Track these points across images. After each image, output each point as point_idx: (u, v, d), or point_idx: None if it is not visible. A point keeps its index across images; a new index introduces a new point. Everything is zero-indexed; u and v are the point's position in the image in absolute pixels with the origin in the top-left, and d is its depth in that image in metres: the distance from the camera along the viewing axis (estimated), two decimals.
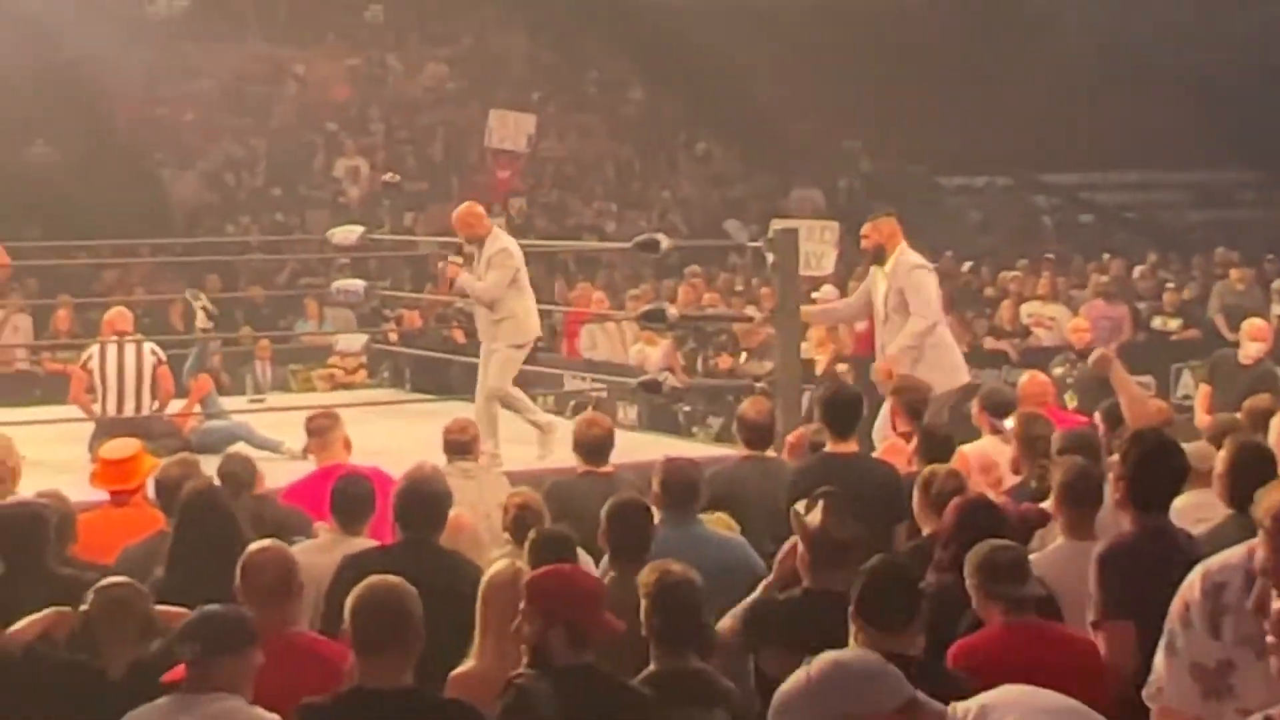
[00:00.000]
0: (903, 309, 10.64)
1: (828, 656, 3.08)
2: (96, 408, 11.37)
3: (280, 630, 5.32)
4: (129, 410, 11.27)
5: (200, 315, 12.59)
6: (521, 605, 4.96)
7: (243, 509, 6.82)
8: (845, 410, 7.97)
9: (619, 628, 5.03)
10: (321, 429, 8.66)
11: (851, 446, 7.95)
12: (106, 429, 10.59)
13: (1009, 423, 8.30)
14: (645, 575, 5.39)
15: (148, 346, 11.56)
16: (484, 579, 5.62)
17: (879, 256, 10.91)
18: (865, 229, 11.08)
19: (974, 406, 9.17)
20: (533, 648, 4.91)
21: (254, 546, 5.58)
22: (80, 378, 11.57)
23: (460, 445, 8.46)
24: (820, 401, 8.16)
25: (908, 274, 10.72)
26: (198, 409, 11.81)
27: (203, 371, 12.57)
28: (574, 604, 4.96)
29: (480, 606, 5.48)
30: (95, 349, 11.65)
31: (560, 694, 4.72)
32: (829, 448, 7.90)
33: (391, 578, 5.01)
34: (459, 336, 15.80)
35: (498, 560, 5.93)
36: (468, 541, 7.24)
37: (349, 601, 4.95)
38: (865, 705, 3.00)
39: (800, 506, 5.72)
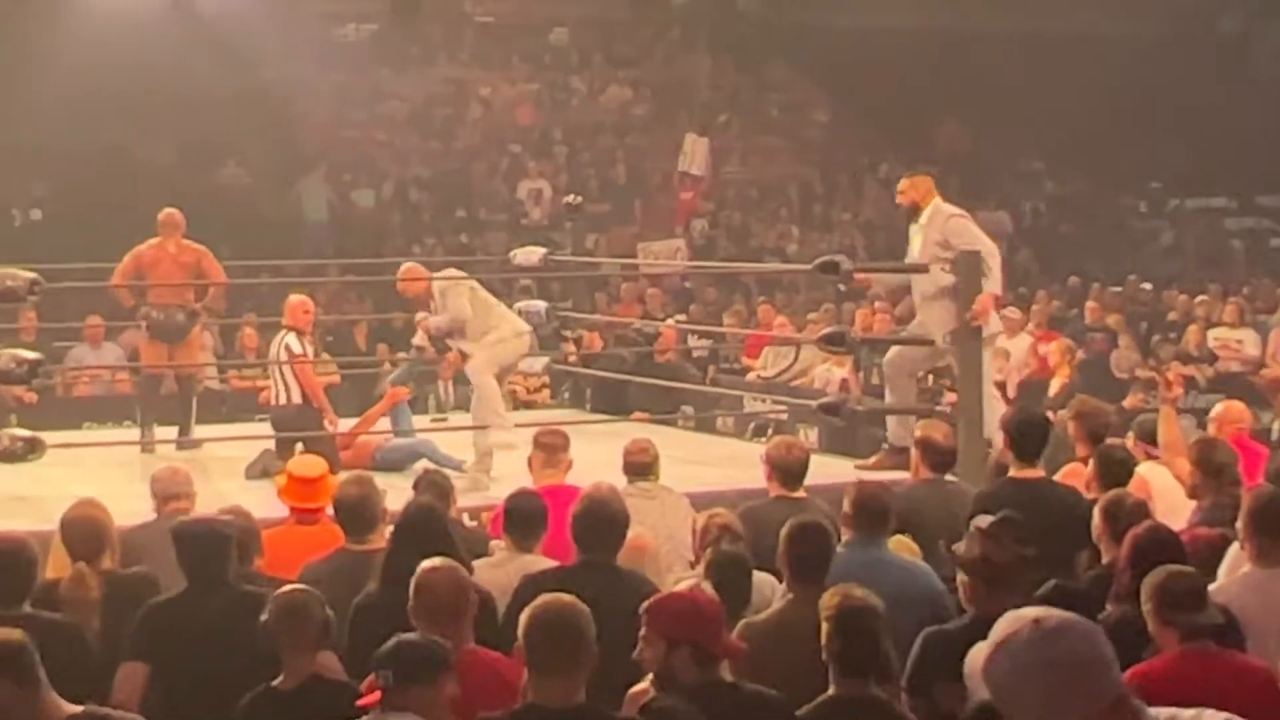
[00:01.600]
0: (942, 251, 10.64)
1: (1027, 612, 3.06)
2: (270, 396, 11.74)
3: (455, 649, 5.36)
4: (280, 400, 11.50)
5: (419, 334, 12.72)
6: (641, 631, 4.98)
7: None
8: (1032, 434, 7.89)
9: (741, 649, 5.05)
10: (553, 446, 8.63)
11: (1037, 471, 7.85)
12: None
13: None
14: (827, 598, 5.36)
15: (287, 338, 11.65)
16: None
17: (915, 214, 11.00)
18: (901, 185, 11.21)
19: (1129, 438, 9.01)
20: (657, 672, 4.92)
21: (426, 565, 5.59)
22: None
23: (640, 466, 8.45)
24: (1007, 424, 8.06)
25: (945, 222, 10.77)
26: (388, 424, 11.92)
27: (403, 384, 12.70)
28: (695, 626, 4.97)
29: None
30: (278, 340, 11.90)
31: (701, 709, 4.73)
32: (1013, 472, 7.82)
33: (565, 596, 5.03)
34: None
35: (682, 580, 5.93)
36: (647, 562, 7.24)
37: (523, 618, 4.98)
38: (1079, 697, 2.97)
39: (960, 542, 5.68)
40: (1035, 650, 2.95)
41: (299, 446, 10.58)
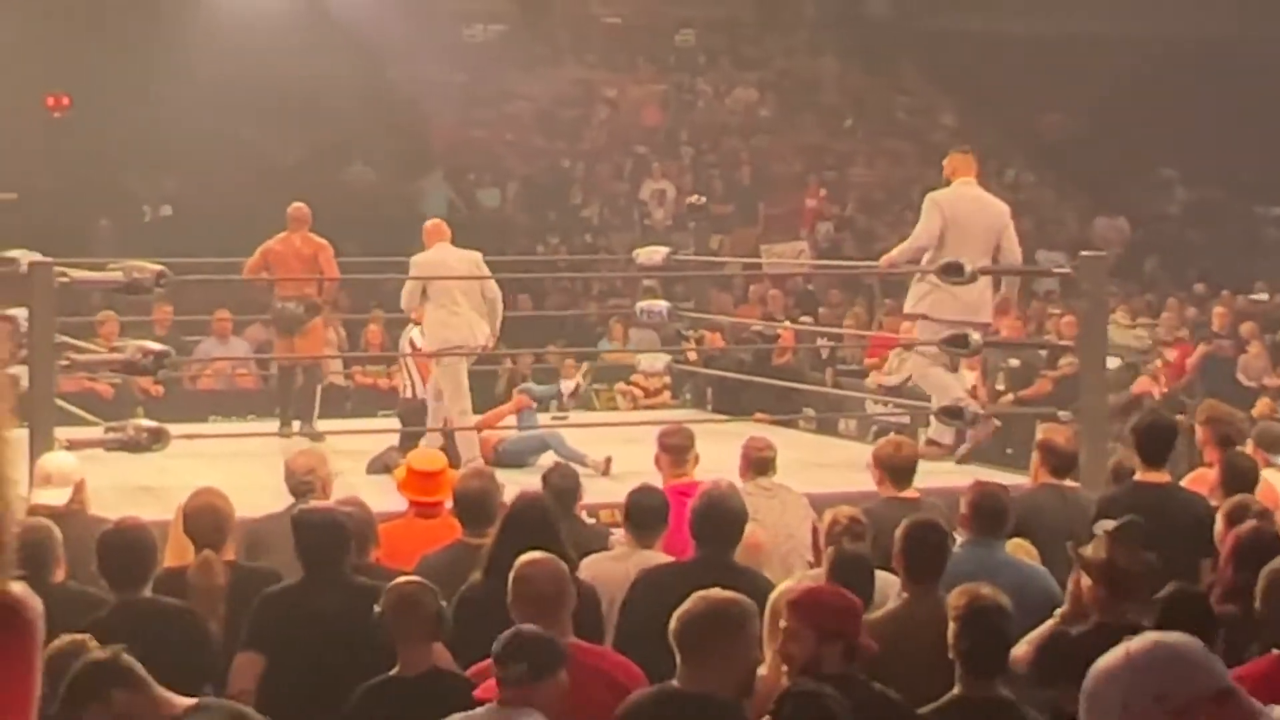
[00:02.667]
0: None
1: (1149, 636, 3.01)
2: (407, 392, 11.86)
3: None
4: (407, 393, 11.64)
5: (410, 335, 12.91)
6: (782, 624, 4.99)
7: (566, 523, 6.88)
8: (1159, 438, 7.81)
9: (874, 648, 5.08)
10: (678, 447, 8.62)
11: (1163, 476, 7.77)
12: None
13: None
14: (955, 598, 5.34)
15: (411, 332, 11.74)
16: (773, 595, 5.63)
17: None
18: (945, 162, 11.65)
19: (1249, 445, 8.89)
20: (802, 664, 4.92)
21: (524, 558, 5.60)
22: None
23: (761, 463, 8.44)
24: (1135, 428, 7.98)
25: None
26: (511, 421, 11.97)
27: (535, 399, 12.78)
28: (844, 620, 5.00)
29: (769, 619, 5.48)
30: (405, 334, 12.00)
31: (845, 697, 4.74)
32: (1139, 476, 7.74)
33: (726, 593, 5.11)
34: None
35: (803, 581, 5.92)
36: (763, 559, 7.24)
37: (681, 611, 5.05)
38: (1182, 687, 2.93)
39: (1087, 545, 5.63)
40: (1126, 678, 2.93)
41: (423, 440, 10.64)
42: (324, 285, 13.19)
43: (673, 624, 5.04)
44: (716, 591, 5.13)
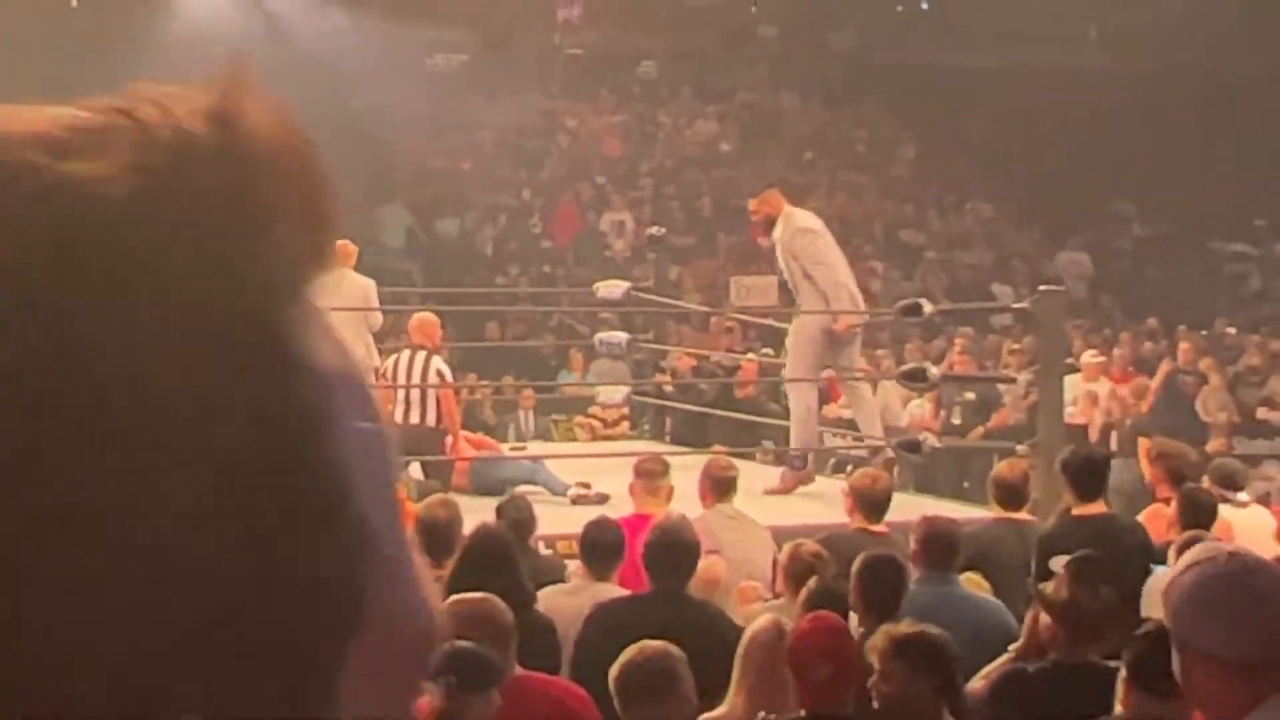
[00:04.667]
0: (798, 271, 11.22)
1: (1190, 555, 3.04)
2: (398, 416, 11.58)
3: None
4: (413, 419, 11.40)
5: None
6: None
7: (522, 555, 6.84)
8: (1092, 471, 7.85)
9: None
10: (652, 472, 8.62)
11: (1099, 507, 7.80)
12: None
13: (1243, 495, 8.16)
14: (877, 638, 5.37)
15: (436, 362, 11.59)
16: (747, 633, 5.60)
17: (769, 227, 11.40)
18: (752, 204, 11.80)
19: (1204, 481, 8.93)
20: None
21: (461, 598, 5.50)
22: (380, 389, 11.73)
23: (724, 483, 8.43)
24: (1066, 465, 8.00)
25: (792, 239, 11.27)
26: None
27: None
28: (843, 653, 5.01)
29: (741, 658, 5.45)
30: (392, 358, 11.80)
31: None
32: (1075, 510, 7.77)
33: (659, 645, 5.10)
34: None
35: (762, 615, 5.90)
36: (718, 592, 7.23)
37: (620, 660, 5.04)
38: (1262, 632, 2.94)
39: (1048, 583, 5.64)
40: (1225, 581, 2.92)
41: (414, 467, 10.62)
42: None
43: (612, 673, 5.02)
44: (650, 644, 5.10)
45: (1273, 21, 26.68)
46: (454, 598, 5.55)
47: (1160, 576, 3.69)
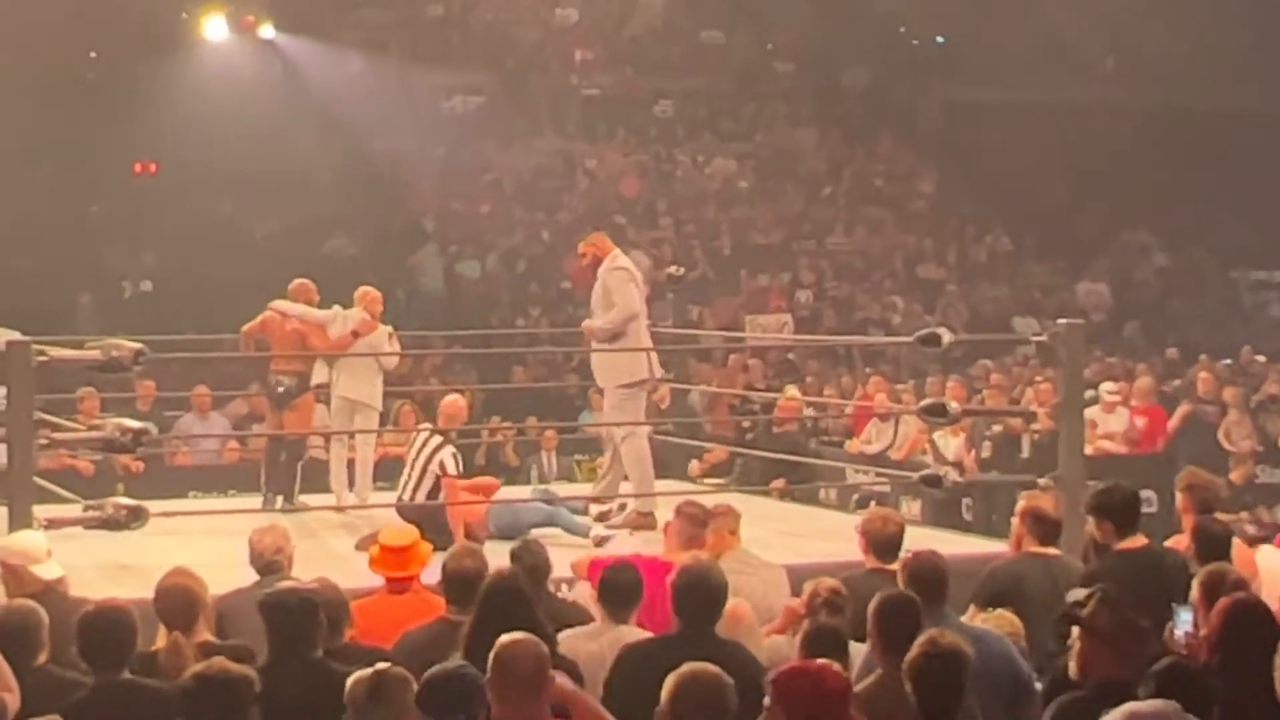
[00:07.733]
0: (605, 304, 11.47)
1: (1126, 707, 3.03)
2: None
3: None
4: (408, 494, 11.27)
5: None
6: (766, 703, 4.96)
7: (541, 600, 6.84)
8: (1127, 505, 7.82)
9: None
10: (696, 518, 8.53)
11: (1141, 540, 7.77)
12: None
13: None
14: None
15: (445, 454, 11.39)
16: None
17: (597, 268, 11.66)
18: (581, 248, 12.05)
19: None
20: None
21: (506, 639, 5.48)
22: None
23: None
24: (1097, 505, 7.95)
25: (607, 273, 11.52)
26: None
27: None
28: (821, 702, 4.95)
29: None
30: (416, 438, 11.68)
31: None
32: (1118, 545, 7.72)
33: (713, 667, 5.10)
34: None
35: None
36: (745, 632, 7.21)
37: (669, 683, 5.05)
38: None
39: (1076, 604, 5.63)
40: None
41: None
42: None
43: (666, 689, 5.03)
44: (700, 665, 5.11)
45: None
46: (501, 641, 5.54)
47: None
